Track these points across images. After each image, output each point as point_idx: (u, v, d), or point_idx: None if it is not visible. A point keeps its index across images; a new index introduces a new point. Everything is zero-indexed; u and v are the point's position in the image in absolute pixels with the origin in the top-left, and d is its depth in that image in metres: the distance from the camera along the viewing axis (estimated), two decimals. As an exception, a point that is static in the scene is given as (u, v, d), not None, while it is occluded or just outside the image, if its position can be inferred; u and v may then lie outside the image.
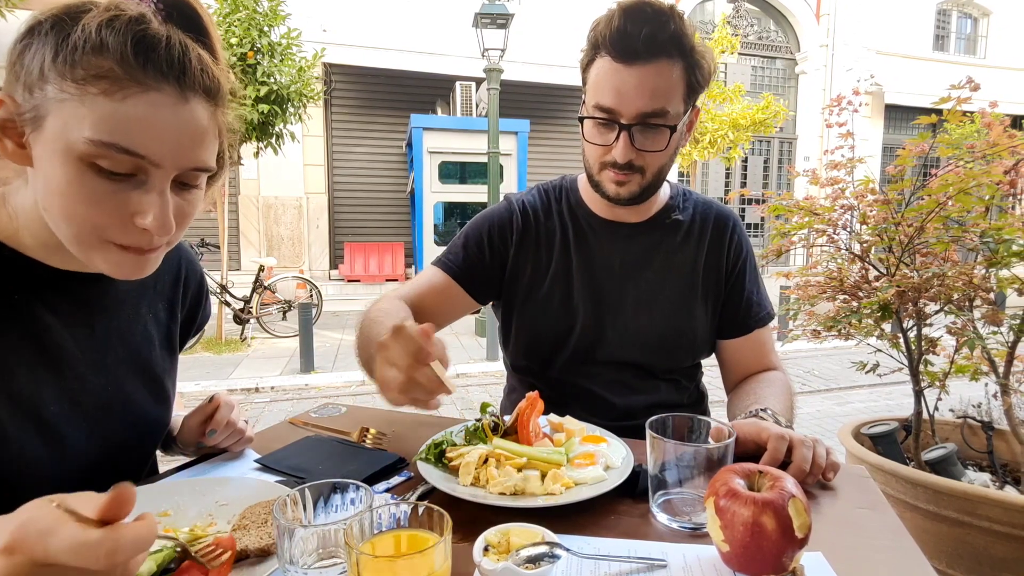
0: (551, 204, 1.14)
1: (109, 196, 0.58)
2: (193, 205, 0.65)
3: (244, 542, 0.58)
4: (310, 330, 4.95)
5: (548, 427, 0.89)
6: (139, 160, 0.57)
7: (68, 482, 0.69)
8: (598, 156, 0.99)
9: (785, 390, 1.02)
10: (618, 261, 1.10)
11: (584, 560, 0.58)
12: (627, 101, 0.91)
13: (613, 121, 0.94)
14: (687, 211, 1.13)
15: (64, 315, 0.70)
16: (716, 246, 1.12)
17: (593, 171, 1.02)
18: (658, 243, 1.11)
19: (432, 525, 0.51)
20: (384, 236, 9.46)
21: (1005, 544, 1.41)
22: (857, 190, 1.88)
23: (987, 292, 1.66)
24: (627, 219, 1.11)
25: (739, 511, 0.55)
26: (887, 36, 11.23)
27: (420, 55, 8.57)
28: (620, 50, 0.90)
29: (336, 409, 1.08)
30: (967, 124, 6.66)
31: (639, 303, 1.09)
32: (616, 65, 0.91)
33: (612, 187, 1.00)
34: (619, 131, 0.94)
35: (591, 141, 0.99)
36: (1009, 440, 1.72)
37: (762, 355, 1.13)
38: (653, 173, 0.99)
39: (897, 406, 3.96)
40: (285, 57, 5.52)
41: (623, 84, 0.91)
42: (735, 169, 10.54)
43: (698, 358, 1.16)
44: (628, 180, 0.98)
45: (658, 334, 1.09)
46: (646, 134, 0.94)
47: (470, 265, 1.11)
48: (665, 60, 0.90)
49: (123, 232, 0.60)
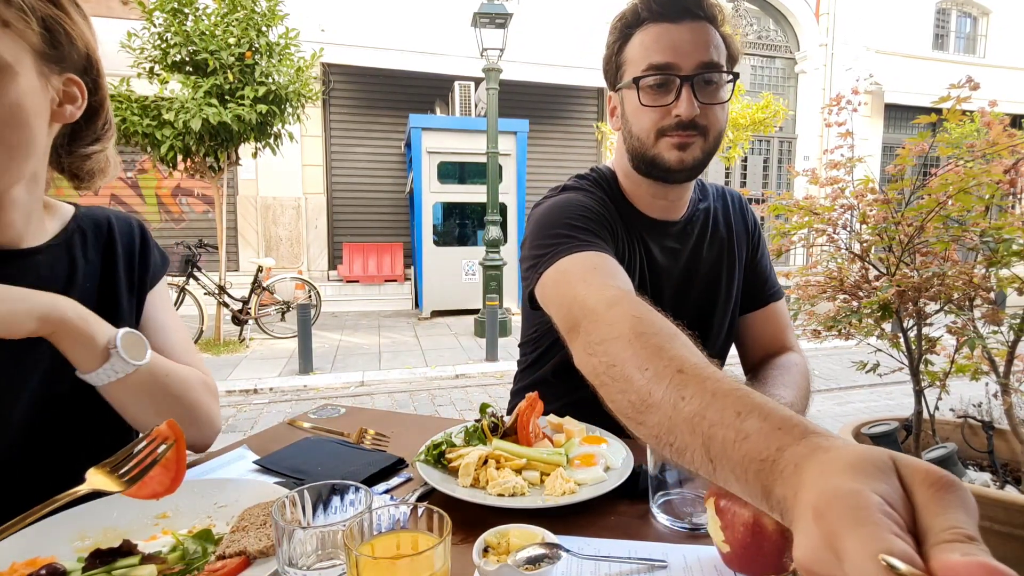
0: (604, 201, 1.01)
1: None
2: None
3: (243, 543, 0.58)
4: (309, 331, 4.95)
5: (548, 428, 0.88)
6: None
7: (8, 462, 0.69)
8: (656, 121, 0.91)
9: (800, 380, 1.01)
10: (669, 260, 1.05)
11: (584, 561, 0.58)
12: (685, 53, 0.88)
13: (673, 76, 0.88)
14: (707, 198, 1.12)
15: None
16: (741, 227, 1.13)
17: (648, 144, 0.93)
18: (694, 237, 1.07)
19: (431, 526, 0.50)
20: (383, 236, 9.46)
21: (1006, 544, 1.41)
22: (857, 189, 1.88)
23: (987, 291, 1.66)
24: (670, 217, 1.05)
25: (739, 511, 0.54)
26: (886, 35, 11.24)
27: (419, 55, 8.57)
28: (668, 10, 0.89)
29: (335, 410, 1.08)
30: (967, 123, 6.66)
31: (690, 298, 1.06)
32: (666, 25, 0.89)
33: (675, 153, 0.91)
34: (680, 85, 0.88)
35: (649, 103, 0.90)
36: (1009, 440, 1.72)
37: (779, 331, 1.12)
38: (715, 136, 0.94)
39: (897, 406, 3.97)
40: (283, 57, 5.52)
41: (679, 38, 0.88)
42: (735, 169, 10.54)
43: (730, 344, 1.15)
44: (692, 142, 0.91)
45: (704, 326, 1.07)
46: (706, 90, 0.90)
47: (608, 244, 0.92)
48: (707, 23, 0.90)
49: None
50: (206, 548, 0.60)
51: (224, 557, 0.56)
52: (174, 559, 0.58)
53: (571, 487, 0.70)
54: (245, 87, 5.26)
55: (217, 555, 0.57)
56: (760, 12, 11.13)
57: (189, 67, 5.26)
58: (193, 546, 0.60)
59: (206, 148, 5.35)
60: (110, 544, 0.59)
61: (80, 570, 0.56)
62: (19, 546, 0.58)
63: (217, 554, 0.57)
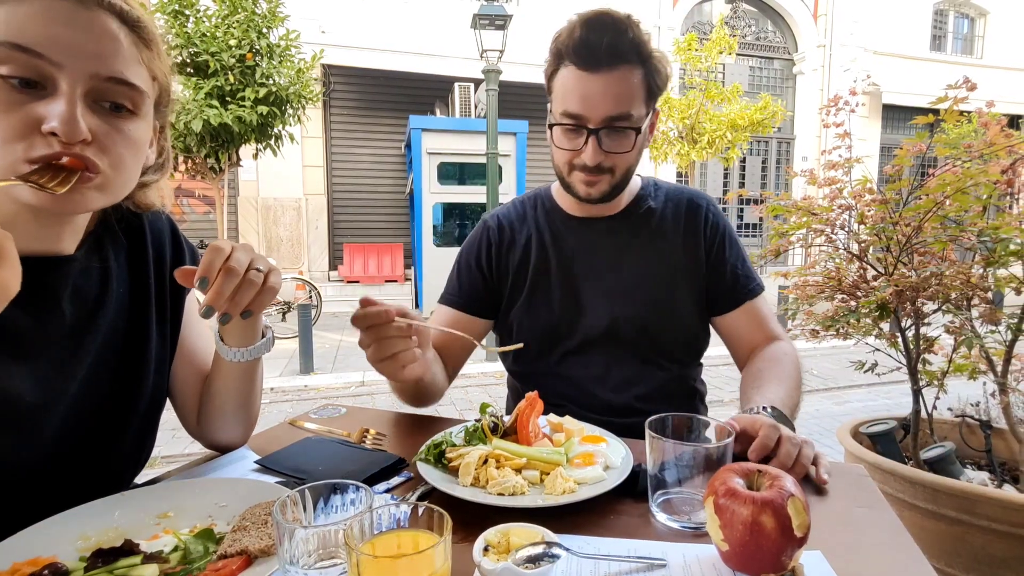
0: (526, 212, 1.20)
1: (16, 107, 0.56)
2: (127, 136, 0.63)
3: (244, 543, 0.58)
4: (309, 331, 4.95)
5: (548, 427, 0.89)
6: (39, 61, 0.56)
7: (39, 472, 0.68)
8: (568, 160, 1.04)
9: (790, 371, 1.02)
10: (596, 255, 1.13)
11: (584, 560, 0.58)
12: (593, 107, 0.96)
13: (581, 126, 0.98)
14: (658, 199, 1.17)
15: (27, 302, 0.64)
16: (692, 229, 1.14)
17: (564, 173, 1.07)
18: (634, 232, 1.14)
19: (432, 525, 0.51)
20: (383, 237, 9.46)
21: (1003, 542, 1.41)
22: (855, 190, 1.88)
23: (985, 291, 1.67)
24: (600, 213, 1.14)
25: (738, 510, 0.55)
26: (884, 36, 11.26)
27: (419, 56, 8.57)
28: (584, 59, 0.95)
29: (336, 410, 1.08)
30: (964, 124, 6.67)
31: (621, 293, 1.11)
32: (580, 73, 0.96)
33: (583, 188, 1.05)
34: (587, 136, 0.98)
35: (561, 147, 1.03)
36: (1007, 439, 1.73)
37: (761, 326, 1.13)
38: (621, 173, 1.04)
39: (895, 405, 3.97)
40: (284, 59, 5.53)
41: (588, 91, 0.96)
42: (733, 169, 10.55)
43: (692, 346, 1.17)
44: (598, 180, 1.03)
45: (641, 323, 1.10)
46: (612, 137, 0.99)
47: (465, 292, 1.18)
48: (626, 67, 0.96)
49: (32, 144, 0.57)
50: (207, 547, 0.60)
51: (225, 556, 0.57)
52: (176, 559, 0.58)
53: (571, 486, 0.70)
54: (246, 88, 5.27)
55: (218, 554, 0.57)
56: (758, 13, 11.14)
57: (190, 68, 5.26)
58: (194, 546, 0.60)
59: (207, 149, 5.36)
60: (112, 544, 0.59)
61: (82, 570, 0.56)
62: (21, 546, 0.58)
63: (218, 553, 0.57)
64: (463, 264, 1.20)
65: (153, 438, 0.84)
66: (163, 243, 0.83)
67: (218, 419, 0.86)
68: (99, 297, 0.74)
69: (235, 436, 0.89)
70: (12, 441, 0.66)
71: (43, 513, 0.63)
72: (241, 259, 0.66)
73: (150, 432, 0.83)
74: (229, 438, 0.89)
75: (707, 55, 7.75)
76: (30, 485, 0.68)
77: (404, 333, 0.79)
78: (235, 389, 0.83)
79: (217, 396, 0.84)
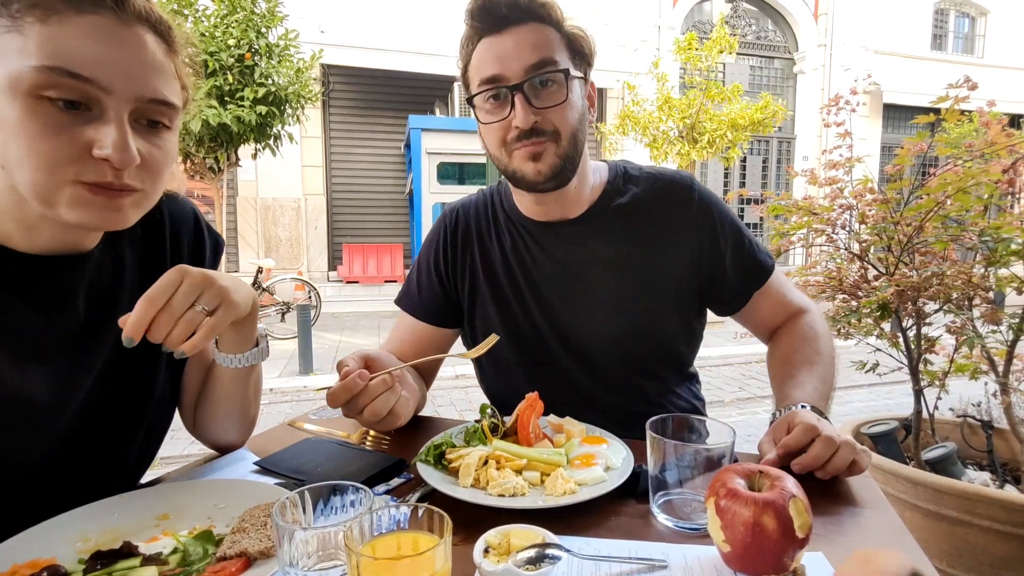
0: (488, 209, 1.09)
1: (64, 129, 0.56)
2: (165, 151, 0.64)
3: (243, 544, 0.58)
4: (308, 332, 4.95)
5: (548, 428, 0.89)
6: (87, 86, 0.56)
7: (41, 472, 0.68)
8: (501, 136, 0.90)
9: (820, 346, 0.97)
10: (559, 264, 1.02)
11: (584, 561, 0.58)
12: (509, 61, 0.86)
13: (501, 87, 0.88)
14: (629, 192, 1.03)
15: (42, 301, 0.66)
16: (676, 221, 1.01)
17: (503, 160, 0.93)
18: (600, 236, 1.01)
19: (432, 527, 0.50)
20: (383, 237, 9.46)
21: (1005, 543, 1.41)
22: (856, 189, 1.88)
23: (986, 291, 1.67)
24: (562, 216, 1.02)
25: (740, 511, 0.54)
26: (885, 36, 11.26)
27: (418, 56, 8.57)
28: (489, 21, 0.88)
29: (335, 411, 1.07)
30: (965, 123, 6.66)
31: (588, 305, 1.01)
32: (490, 38, 0.89)
33: (530, 165, 0.90)
34: (512, 97, 0.87)
35: (487, 121, 0.91)
36: (1009, 439, 1.73)
37: (781, 304, 1.06)
38: (568, 137, 0.90)
39: (897, 405, 3.96)
40: (283, 58, 5.53)
41: (501, 49, 0.87)
42: (734, 169, 10.55)
43: (681, 356, 1.08)
44: (542, 150, 0.89)
45: (614, 336, 1.00)
46: (542, 92, 0.88)
47: (425, 301, 1.10)
48: (535, 23, 0.88)
49: (83, 167, 0.57)
50: (207, 549, 0.60)
51: (225, 558, 0.56)
52: (175, 560, 0.58)
53: (571, 487, 0.70)
54: (245, 88, 5.27)
55: (218, 556, 0.57)
56: (759, 12, 11.14)
57: (188, 68, 5.26)
58: (194, 547, 0.60)
59: (206, 149, 5.36)
60: (111, 545, 0.59)
61: (81, 571, 0.56)
62: (20, 547, 0.58)
63: (218, 555, 0.57)
64: (422, 266, 1.11)
65: (161, 438, 0.84)
66: (181, 235, 0.82)
67: (215, 421, 0.86)
68: (113, 294, 0.74)
69: (233, 437, 0.89)
70: (19, 440, 0.66)
71: (43, 514, 0.63)
72: (179, 304, 0.62)
73: (159, 432, 0.83)
74: (227, 439, 0.89)
75: (707, 54, 7.75)
76: (31, 485, 0.68)
77: (387, 386, 0.76)
78: (232, 393, 0.83)
79: (214, 398, 0.84)
